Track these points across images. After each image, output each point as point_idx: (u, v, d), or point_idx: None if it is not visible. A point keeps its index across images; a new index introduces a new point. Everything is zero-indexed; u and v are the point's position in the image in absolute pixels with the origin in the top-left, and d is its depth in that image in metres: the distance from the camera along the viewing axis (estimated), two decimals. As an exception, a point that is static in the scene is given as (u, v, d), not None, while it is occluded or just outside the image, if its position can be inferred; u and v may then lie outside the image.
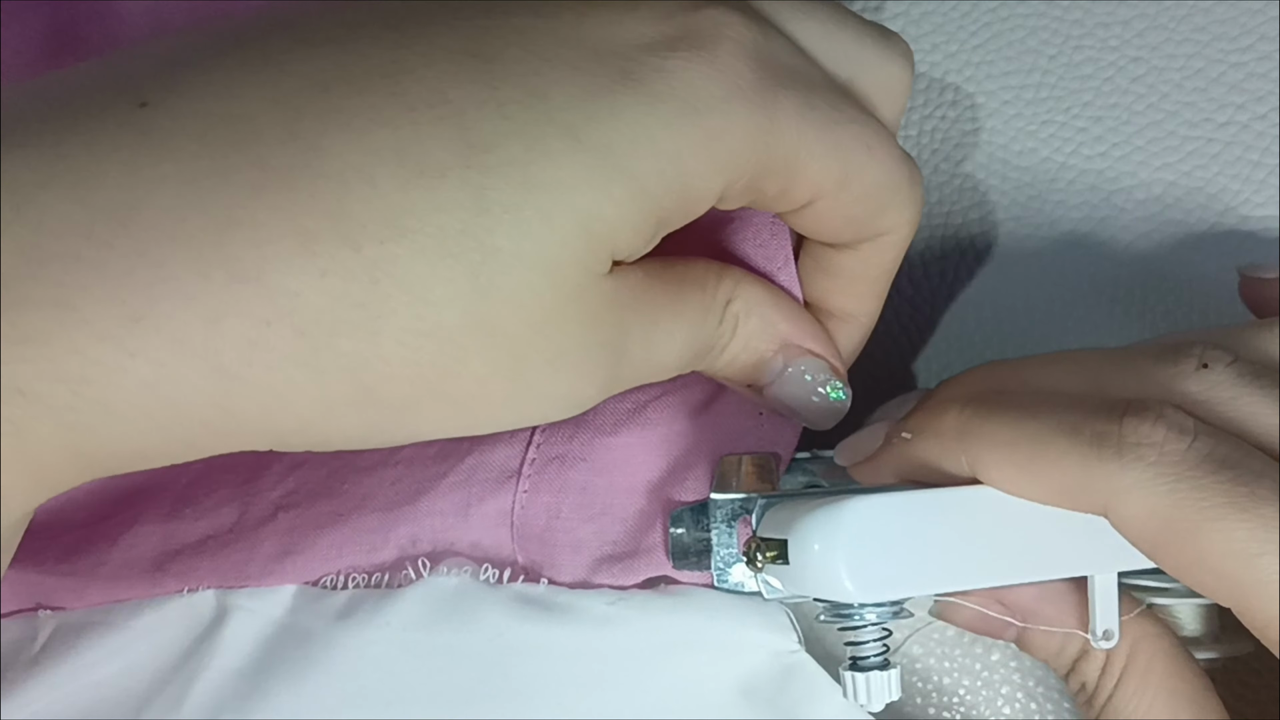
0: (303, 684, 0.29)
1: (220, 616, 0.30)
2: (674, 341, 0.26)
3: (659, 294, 0.26)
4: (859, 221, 0.28)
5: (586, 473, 0.31)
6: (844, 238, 0.28)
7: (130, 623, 0.30)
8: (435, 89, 0.22)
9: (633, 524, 0.30)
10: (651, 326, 0.26)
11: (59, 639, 0.31)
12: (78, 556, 0.31)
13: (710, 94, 0.24)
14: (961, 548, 0.26)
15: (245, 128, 0.22)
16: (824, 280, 0.30)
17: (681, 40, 0.24)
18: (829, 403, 0.30)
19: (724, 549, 0.29)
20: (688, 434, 0.31)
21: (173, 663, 0.30)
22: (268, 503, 0.32)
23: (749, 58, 0.25)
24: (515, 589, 0.30)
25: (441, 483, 0.31)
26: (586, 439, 0.31)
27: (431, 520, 0.30)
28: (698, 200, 0.25)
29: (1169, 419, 0.24)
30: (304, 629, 0.30)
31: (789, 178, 0.26)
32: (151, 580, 0.31)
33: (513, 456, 0.31)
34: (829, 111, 0.26)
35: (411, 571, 0.30)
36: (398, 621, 0.29)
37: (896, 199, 0.27)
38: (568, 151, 0.23)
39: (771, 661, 0.30)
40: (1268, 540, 0.23)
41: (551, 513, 0.30)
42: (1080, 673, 0.29)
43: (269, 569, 0.31)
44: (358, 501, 0.31)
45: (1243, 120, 0.37)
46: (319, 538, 0.31)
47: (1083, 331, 0.36)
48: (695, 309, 0.27)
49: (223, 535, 0.31)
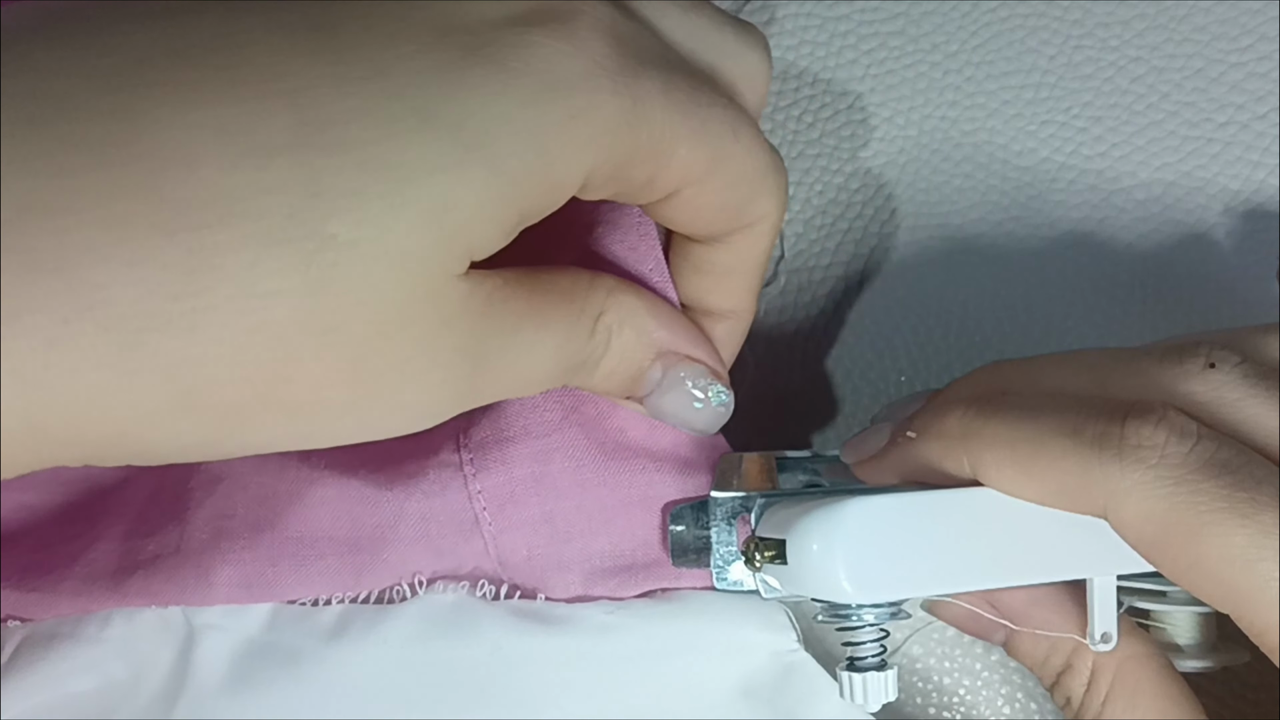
0: (294, 703, 0.29)
1: (191, 633, 0.30)
2: (538, 353, 0.25)
3: (521, 302, 0.24)
4: (730, 209, 0.27)
5: (542, 504, 0.30)
6: (715, 228, 0.27)
7: (101, 635, 0.29)
8: (268, 65, 0.21)
9: (617, 536, 0.30)
10: (512, 335, 0.24)
11: (28, 648, 0.30)
12: (41, 573, 0.30)
13: (570, 71, 0.22)
14: (960, 550, 0.26)
15: (54, 105, 0.20)
16: (698, 279, 0.29)
17: (536, 16, 0.23)
18: (711, 408, 0.29)
19: (723, 546, 0.29)
20: (617, 446, 0.30)
21: (153, 682, 0.30)
22: (199, 521, 0.30)
23: (609, 36, 0.23)
24: (512, 603, 0.30)
25: (399, 532, 0.29)
26: (527, 471, 0.30)
27: (407, 566, 0.30)
28: (561, 186, 0.23)
29: (1171, 421, 0.24)
30: (289, 648, 0.29)
31: (657, 162, 0.25)
32: (118, 593, 0.30)
33: (462, 507, 0.30)
34: (693, 93, 0.25)
35: (406, 589, 0.30)
36: (395, 638, 0.29)
37: (764, 185, 0.27)
38: (416, 131, 0.21)
39: (771, 661, 0.30)
40: (1267, 546, 0.22)
41: (529, 545, 0.30)
42: (1064, 686, 0.29)
43: (234, 596, 0.30)
44: (310, 543, 0.30)
45: (1243, 120, 0.37)
46: (280, 577, 0.29)
47: (1083, 331, 0.36)
48: (562, 320, 0.25)
49: (170, 556, 0.30)
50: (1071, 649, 0.28)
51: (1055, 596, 0.28)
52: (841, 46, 0.38)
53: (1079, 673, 0.28)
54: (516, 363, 0.24)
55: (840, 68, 0.38)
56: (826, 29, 0.38)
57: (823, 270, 0.37)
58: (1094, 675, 0.28)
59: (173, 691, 0.30)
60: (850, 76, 0.38)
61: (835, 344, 0.37)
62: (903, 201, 0.37)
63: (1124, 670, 0.28)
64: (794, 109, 0.38)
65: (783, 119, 0.38)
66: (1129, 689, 0.28)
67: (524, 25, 0.22)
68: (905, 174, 0.37)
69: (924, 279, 0.37)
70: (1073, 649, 0.28)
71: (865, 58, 0.38)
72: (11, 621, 0.31)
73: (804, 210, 0.37)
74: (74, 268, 0.19)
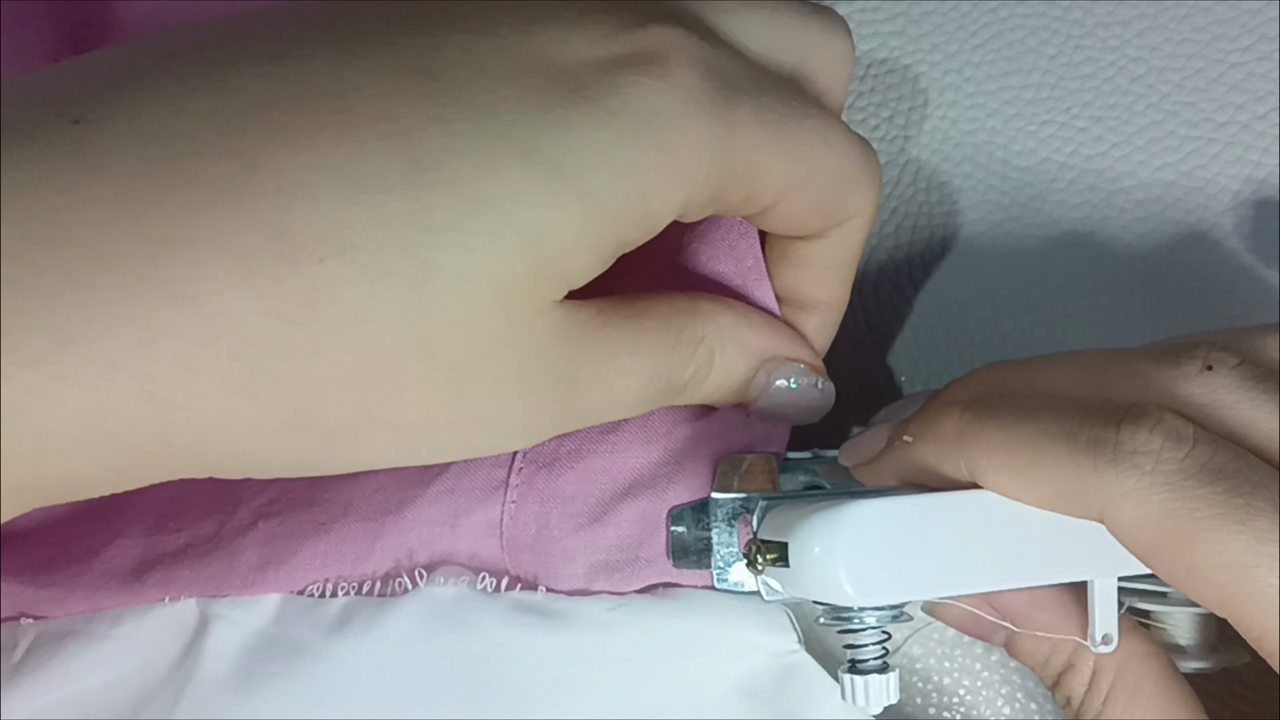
0: (296, 697, 0.29)
1: (202, 626, 0.30)
2: (634, 379, 0.26)
3: (616, 329, 0.25)
4: (825, 212, 0.28)
5: (575, 481, 0.30)
6: (812, 229, 0.28)
7: (112, 632, 0.30)
8: (380, 106, 0.22)
9: (626, 532, 0.30)
10: (606, 363, 0.25)
11: (40, 647, 0.30)
12: (57, 568, 0.31)
13: (665, 107, 0.23)
14: (962, 552, 0.26)
15: (183, 145, 0.21)
16: (793, 272, 0.30)
17: (630, 58, 0.24)
18: (816, 401, 0.30)
19: (724, 548, 0.29)
20: (678, 437, 0.31)
21: (159, 676, 0.30)
22: (248, 511, 0.31)
23: (700, 69, 0.24)
24: (513, 597, 0.30)
25: (427, 491, 0.30)
26: (574, 445, 0.31)
27: (419, 530, 0.30)
28: (658, 216, 0.24)
29: (1166, 426, 0.24)
30: (294, 640, 0.30)
31: (751, 183, 0.25)
32: (131, 591, 0.30)
33: (500, 464, 0.31)
34: (783, 110, 0.25)
35: (408, 581, 0.30)
36: (396, 632, 0.29)
37: (857, 183, 0.28)
38: (518, 168, 0.22)
39: (772, 661, 0.30)
40: (1263, 552, 0.22)
41: (540, 522, 0.30)
42: (1065, 686, 0.29)
43: (250, 579, 0.30)
44: (340, 510, 0.31)
45: (1243, 120, 0.37)
46: (301, 546, 0.30)
47: (1083, 331, 0.36)
48: (659, 346, 0.26)
49: (202, 545, 0.31)
50: (1073, 649, 0.28)
51: (1056, 598, 0.28)
52: (841, 47, 0.38)
53: (1080, 672, 0.28)
54: (611, 388, 0.25)
55: (840, 68, 0.38)
56: (826, 30, 0.38)
57: (823, 270, 0.37)
58: (1095, 675, 0.28)
59: (179, 684, 0.30)
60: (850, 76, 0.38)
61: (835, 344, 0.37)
62: (903, 201, 0.37)
63: (1125, 669, 0.28)
64: (794, 109, 0.38)
65: (783, 119, 0.38)
66: (1130, 688, 0.28)
67: (618, 67, 0.23)
68: (905, 174, 0.37)
69: (924, 279, 0.37)
70: (1074, 649, 0.28)
71: (865, 58, 0.38)
72: (25, 620, 0.31)
73: (804, 211, 0.38)
74: (208, 296, 0.21)
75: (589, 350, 0.25)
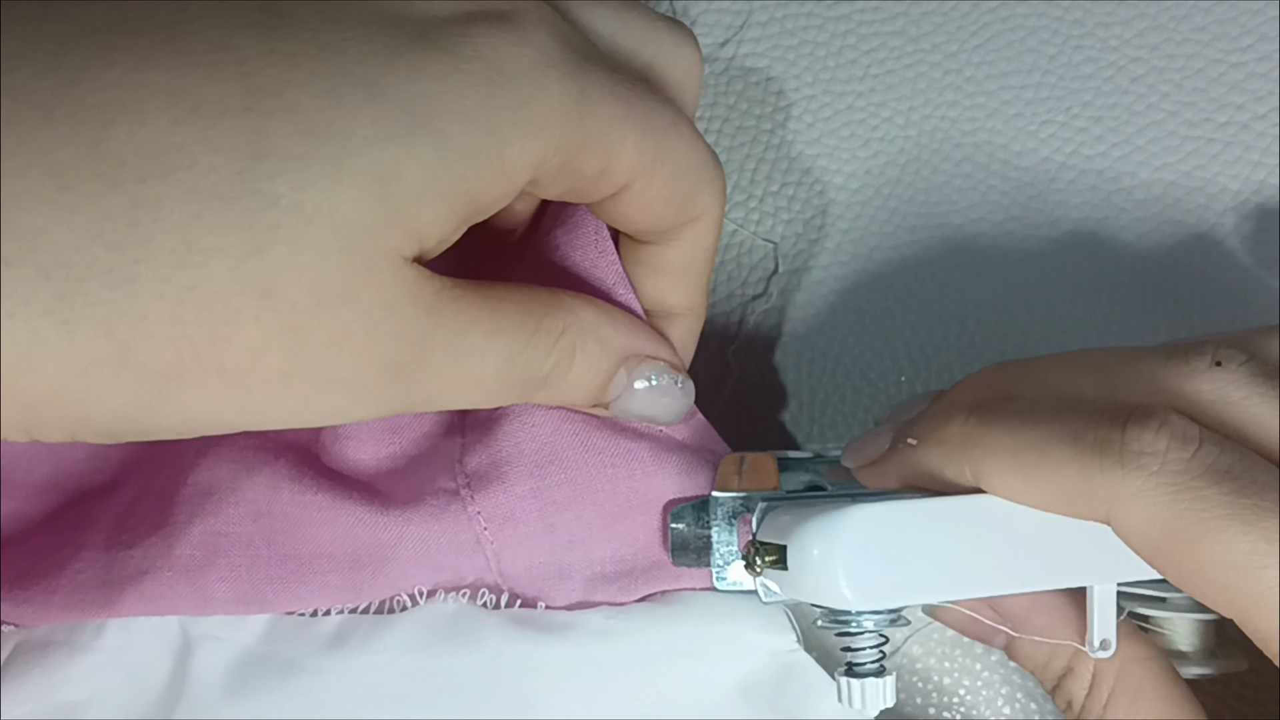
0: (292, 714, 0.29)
1: (188, 644, 0.29)
2: (488, 360, 0.25)
3: (473, 306, 0.24)
4: (676, 202, 0.28)
5: (543, 518, 0.30)
6: (664, 223, 0.28)
7: (96, 643, 0.29)
8: (218, 36, 0.21)
9: (617, 542, 0.30)
10: (459, 336, 0.24)
11: (21, 655, 0.30)
12: (33, 580, 0.30)
13: (519, 60, 0.23)
14: (961, 557, 0.25)
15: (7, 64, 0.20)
16: (652, 280, 0.30)
17: (483, 14, 0.23)
18: (678, 400, 0.29)
19: (724, 546, 0.29)
20: (613, 452, 0.30)
21: (148, 695, 0.29)
22: (196, 541, 0.30)
23: (555, 34, 0.24)
24: (512, 612, 0.30)
25: (400, 552, 0.29)
26: (525, 488, 0.30)
27: (409, 580, 0.30)
28: (512, 172, 0.23)
29: (1173, 426, 0.24)
30: (287, 658, 0.29)
31: (607, 154, 0.25)
32: (107, 612, 0.29)
33: (462, 529, 0.30)
34: (636, 90, 0.26)
35: (407, 600, 0.30)
36: (395, 647, 0.29)
37: (707, 177, 0.28)
38: (364, 103, 0.21)
39: (770, 661, 0.30)
40: (1270, 553, 0.22)
41: (531, 558, 0.30)
42: (1066, 690, 0.29)
43: (231, 610, 0.29)
44: (308, 561, 0.29)
45: (1243, 120, 0.37)
46: (279, 593, 0.29)
47: (1083, 331, 0.36)
48: (516, 331, 0.25)
49: (163, 572, 0.29)
50: (1072, 653, 0.28)
51: (1055, 602, 0.28)
52: (841, 46, 0.38)
53: (1080, 676, 0.28)
54: (461, 365, 0.25)
55: (840, 68, 0.38)
56: (826, 29, 0.38)
57: (822, 270, 0.37)
58: (1095, 679, 0.28)
59: (169, 702, 0.29)
60: (850, 76, 0.38)
61: (835, 344, 0.37)
62: (903, 201, 0.37)
63: (1125, 673, 0.28)
64: (794, 109, 0.38)
65: (783, 119, 0.38)
66: (1131, 692, 0.28)
67: (471, 20, 0.23)
68: (905, 174, 0.37)
69: (924, 279, 0.37)
70: (1073, 653, 0.28)
71: (865, 58, 0.38)
72: (7, 626, 0.30)
73: (804, 210, 0.37)
74: (16, 212, 0.20)
75: (442, 320, 0.24)
